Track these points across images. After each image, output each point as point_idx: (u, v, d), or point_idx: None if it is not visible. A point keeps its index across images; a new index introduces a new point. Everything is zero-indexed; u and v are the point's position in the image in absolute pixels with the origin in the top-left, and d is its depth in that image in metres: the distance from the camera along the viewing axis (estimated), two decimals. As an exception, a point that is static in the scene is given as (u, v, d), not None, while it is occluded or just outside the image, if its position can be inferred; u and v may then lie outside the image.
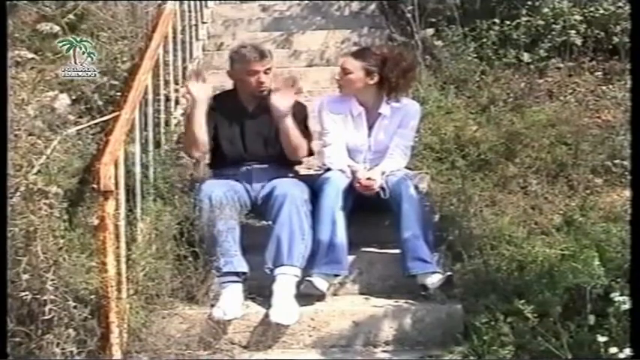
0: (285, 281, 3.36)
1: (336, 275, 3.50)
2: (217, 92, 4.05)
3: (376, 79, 3.72)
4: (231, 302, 3.29)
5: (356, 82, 3.73)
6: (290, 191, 3.51)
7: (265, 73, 3.75)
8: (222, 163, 3.76)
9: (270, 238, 3.43)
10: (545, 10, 4.98)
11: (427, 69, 4.80)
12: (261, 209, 3.57)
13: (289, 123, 3.64)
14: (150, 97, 3.77)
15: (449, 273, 3.39)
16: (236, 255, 3.40)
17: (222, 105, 3.84)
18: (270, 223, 3.47)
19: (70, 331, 2.91)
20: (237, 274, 3.36)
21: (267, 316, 3.26)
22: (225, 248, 3.38)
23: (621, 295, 2.80)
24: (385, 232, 3.66)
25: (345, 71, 3.74)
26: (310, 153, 3.85)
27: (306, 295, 3.40)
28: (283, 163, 3.75)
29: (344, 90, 3.79)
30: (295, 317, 3.26)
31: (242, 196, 3.61)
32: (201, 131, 3.63)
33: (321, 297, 3.43)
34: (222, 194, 3.47)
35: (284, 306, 3.27)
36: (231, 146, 3.75)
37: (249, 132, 3.77)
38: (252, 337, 3.27)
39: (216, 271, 3.35)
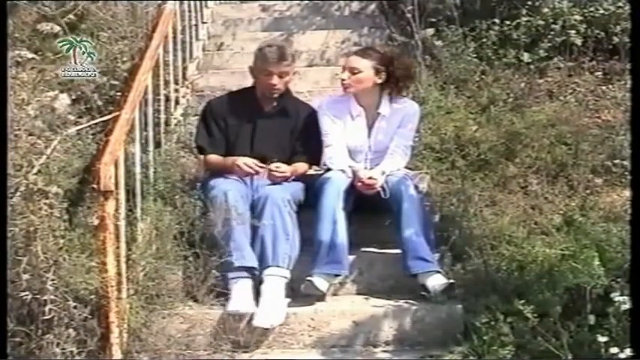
0: (272, 283, 3.34)
1: (337, 275, 3.50)
2: (235, 89, 4.03)
3: (383, 77, 3.72)
4: (244, 296, 3.28)
5: (365, 81, 3.72)
6: (271, 192, 3.49)
7: (280, 76, 3.72)
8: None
9: (255, 240, 3.42)
10: (545, 10, 4.97)
11: (427, 69, 4.80)
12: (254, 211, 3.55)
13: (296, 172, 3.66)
14: (150, 97, 3.77)
15: (452, 280, 3.38)
16: (248, 250, 3.39)
17: (238, 102, 3.82)
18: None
19: (70, 331, 2.91)
20: (248, 269, 3.35)
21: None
22: (239, 243, 3.37)
23: (621, 295, 2.81)
24: (385, 232, 3.66)
25: (353, 71, 3.71)
26: (316, 163, 3.83)
27: (306, 295, 3.40)
28: None
29: (351, 90, 3.74)
30: (279, 320, 3.25)
31: (246, 195, 3.58)
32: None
33: (321, 297, 3.43)
34: (235, 191, 3.47)
35: (269, 309, 3.26)
36: (239, 144, 3.73)
37: (260, 132, 3.75)
38: (252, 337, 3.26)
39: (226, 266, 3.32)
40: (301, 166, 3.76)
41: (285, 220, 3.43)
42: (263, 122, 3.77)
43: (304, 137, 3.78)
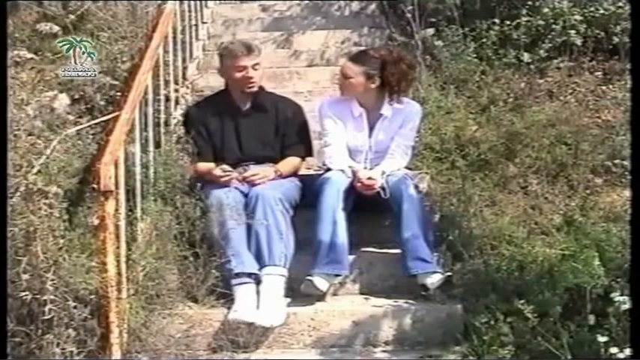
0: (271, 282, 3.34)
1: (337, 275, 3.50)
2: (208, 94, 4.04)
3: (377, 82, 3.72)
4: (247, 303, 3.27)
5: (356, 86, 3.73)
6: (262, 192, 3.49)
7: (253, 68, 3.73)
8: (219, 164, 3.70)
9: (250, 241, 3.42)
10: (545, 10, 4.97)
11: (427, 69, 4.79)
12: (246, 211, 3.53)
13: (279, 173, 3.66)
14: (150, 97, 3.77)
15: (448, 273, 3.39)
16: (247, 255, 3.38)
17: (214, 106, 3.83)
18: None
19: (70, 331, 2.91)
20: (249, 274, 3.34)
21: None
22: (237, 249, 3.37)
23: (621, 295, 2.81)
24: (385, 232, 3.66)
25: (345, 76, 3.75)
26: (309, 154, 3.86)
27: (306, 295, 3.40)
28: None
29: (344, 93, 3.80)
30: (281, 319, 3.25)
31: (243, 195, 3.59)
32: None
33: (321, 297, 3.43)
34: (231, 195, 3.47)
35: (269, 308, 3.25)
36: (227, 147, 3.74)
37: (244, 132, 3.76)
38: (252, 337, 3.26)
39: (227, 271, 3.32)
40: (290, 163, 3.76)
41: (277, 220, 3.43)
42: (244, 122, 3.77)
43: (290, 130, 3.80)
